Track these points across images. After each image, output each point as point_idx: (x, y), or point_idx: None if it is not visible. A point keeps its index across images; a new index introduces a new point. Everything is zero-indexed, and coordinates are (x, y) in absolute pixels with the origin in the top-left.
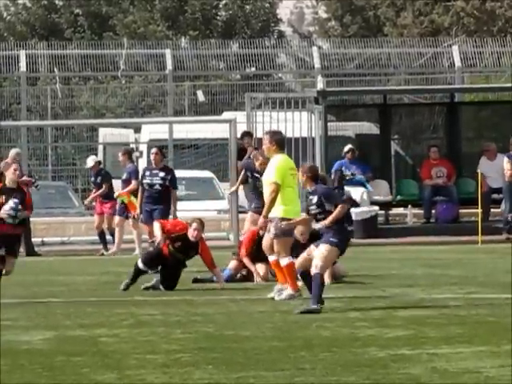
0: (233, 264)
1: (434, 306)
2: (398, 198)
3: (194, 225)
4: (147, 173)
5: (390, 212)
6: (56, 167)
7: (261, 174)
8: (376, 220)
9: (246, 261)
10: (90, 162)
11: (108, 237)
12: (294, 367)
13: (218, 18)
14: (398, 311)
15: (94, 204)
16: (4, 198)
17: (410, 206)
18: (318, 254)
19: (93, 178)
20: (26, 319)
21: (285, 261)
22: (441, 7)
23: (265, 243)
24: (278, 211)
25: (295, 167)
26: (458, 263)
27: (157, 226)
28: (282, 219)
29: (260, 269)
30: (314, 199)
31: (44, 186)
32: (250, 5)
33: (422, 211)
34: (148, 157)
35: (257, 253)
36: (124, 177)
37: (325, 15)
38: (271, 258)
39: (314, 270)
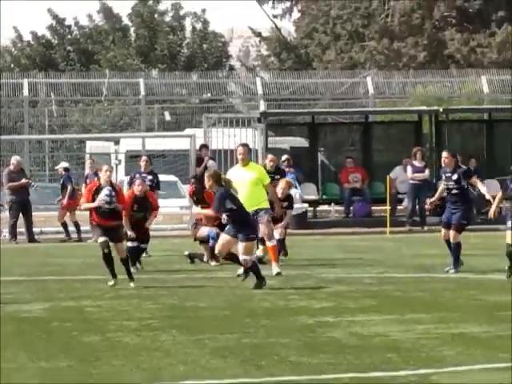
0: None
1: (352, 283)
2: (324, 197)
3: (136, 182)
4: (137, 175)
5: (317, 209)
6: (52, 172)
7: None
8: (306, 215)
9: None
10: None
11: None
12: (241, 331)
13: (182, 54)
14: (324, 287)
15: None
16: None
17: (332, 204)
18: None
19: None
20: (28, 293)
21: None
22: (357, 46)
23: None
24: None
25: None
26: (371, 249)
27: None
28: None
29: None
30: None
31: (42, 186)
32: (207, 44)
33: (342, 208)
34: (126, 165)
35: None
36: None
37: (266, 52)
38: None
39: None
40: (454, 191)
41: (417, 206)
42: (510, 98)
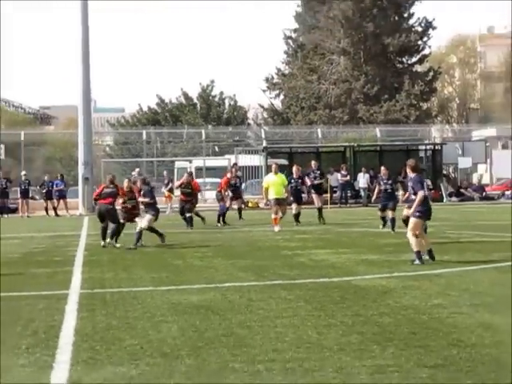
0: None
1: (310, 233)
2: None
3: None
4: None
5: None
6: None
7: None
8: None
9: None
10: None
11: None
12: (253, 258)
13: (223, 117)
14: (295, 235)
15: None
16: None
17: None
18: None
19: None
20: (149, 241)
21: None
22: (313, 113)
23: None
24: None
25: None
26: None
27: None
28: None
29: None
30: None
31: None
32: (236, 111)
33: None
34: (195, 173)
35: None
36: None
37: (266, 116)
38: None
39: None
40: (389, 190)
41: (343, 195)
42: (390, 139)
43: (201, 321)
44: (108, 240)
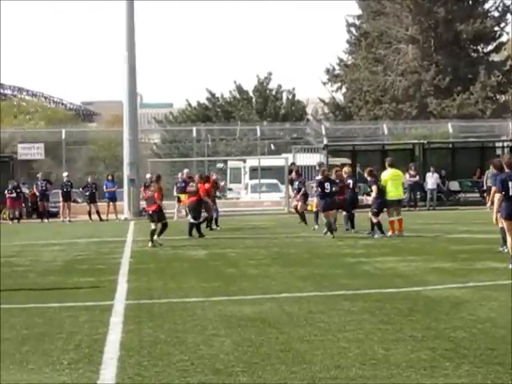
0: None
1: (377, 239)
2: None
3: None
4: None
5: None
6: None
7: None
8: None
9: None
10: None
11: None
12: (313, 266)
13: (281, 112)
14: (359, 241)
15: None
16: None
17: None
18: None
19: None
20: (196, 245)
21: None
22: (378, 107)
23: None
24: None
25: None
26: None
27: None
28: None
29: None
30: None
31: None
32: (294, 106)
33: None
34: (250, 174)
35: None
36: None
37: (327, 111)
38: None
39: None
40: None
41: (411, 197)
42: (464, 135)
43: (256, 334)
44: None
